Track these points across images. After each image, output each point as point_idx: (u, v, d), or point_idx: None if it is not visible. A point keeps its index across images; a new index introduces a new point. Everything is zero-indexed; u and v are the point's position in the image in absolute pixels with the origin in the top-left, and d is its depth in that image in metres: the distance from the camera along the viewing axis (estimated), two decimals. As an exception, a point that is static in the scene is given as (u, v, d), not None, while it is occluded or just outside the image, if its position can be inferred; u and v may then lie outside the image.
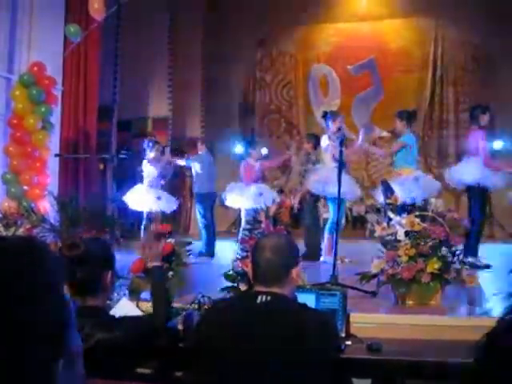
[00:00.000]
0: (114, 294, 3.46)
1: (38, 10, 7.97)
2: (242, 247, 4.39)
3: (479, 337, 1.59)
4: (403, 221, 4.33)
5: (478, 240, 6.55)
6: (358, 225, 14.15)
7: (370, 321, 3.84)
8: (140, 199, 8.24)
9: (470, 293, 4.45)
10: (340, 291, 3.39)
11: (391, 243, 4.34)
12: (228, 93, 14.43)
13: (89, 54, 9.16)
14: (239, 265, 4.29)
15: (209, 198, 8.47)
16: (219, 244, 8.43)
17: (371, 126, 12.18)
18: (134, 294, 4.20)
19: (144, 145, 8.71)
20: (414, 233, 4.29)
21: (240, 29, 13.30)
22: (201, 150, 8.65)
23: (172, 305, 3.15)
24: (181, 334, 2.77)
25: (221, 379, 2.12)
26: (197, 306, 3.68)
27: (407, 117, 6.94)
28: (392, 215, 4.46)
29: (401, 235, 4.31)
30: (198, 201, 8.58)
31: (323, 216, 8.20)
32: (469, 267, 4.54)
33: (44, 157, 7.53)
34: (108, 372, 2.26)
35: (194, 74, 13.52)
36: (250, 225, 4.76)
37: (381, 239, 4.43)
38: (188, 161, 8.85)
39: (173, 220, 4.87)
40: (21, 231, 4.84)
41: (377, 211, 11.02)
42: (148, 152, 8.53)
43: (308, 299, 3.21)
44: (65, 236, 4.70)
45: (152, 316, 2.82)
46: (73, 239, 2.55)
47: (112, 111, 10.97)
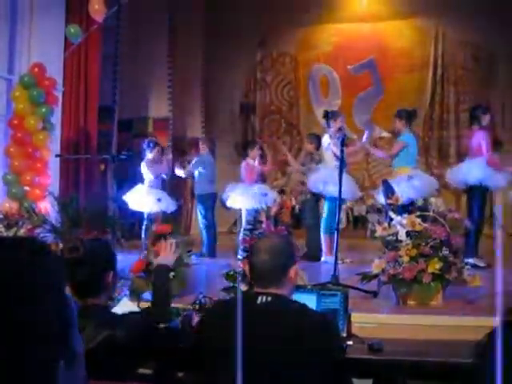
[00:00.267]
0: (115, 294, 3.46)
1: (38, 11, 7.97)
2: (243, 247, 4.39)
3: (480, 337, 1.59)
4: (404, 221, 4.33)
5: (478, 239, 6.55)
6: (359, 225, 14.16)
7: (372, 321, 3.85)
8: (140, 200, 8.24)
9: (471, 293, 4.45)
10: (341, 291, 3.39)
11: (392, 243, 4.34)
12: (228, 93, 14.43)
13: (89, 55, 9.15)
14: (240, 265, 4.29)
15: (209, 199, 8.46)
16: (220, 244, 8.43)
17: (372, 126, 12.19)
18: (135, 295, 4.21)
19: (144, 145, 8.67)
20: (415, 233, 4.29)
21: (240, 29, 13.30)
22: (202, 151, 8.63)
23: (171, 305, 3.15)
24: (181, 335, 2.76)
25: (222, 380, 2.12)
26: (198, 307, 3.68)
27: (407, 116, 6.93)
28: (393, 215, 4.46)
29: (402, 235, 4.31)
30: (199, 201, 8.57)
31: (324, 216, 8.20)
32: (470, 267, 4.54)
33: (45, 157, 7.53)
34: (109, 372, 2.26)
35: (195, 75, 13.52)
36: (251, 225, 4.76)
37: (382, 239, 4.44)
38: (194, 167, 8.69)
39: (173, 220, 4.86)
40: (22, 232, 4.84)
41: (378, 211, 11.05)
42: (147, 153, 8.49)
43: (309, 299, 3.20)
44: (66, 237, 4.71)
45: (151, 314, 2.83)
46: (73, 242, 2.55)
47: (112, 111, 11.02)
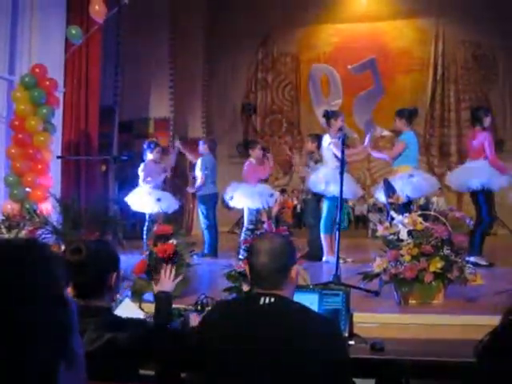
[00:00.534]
0: (117, 295, 3.46)
1: (39, 12, 7.98)
2: (245, 247, 4.39)
3: (482, 336, 1.59)
4: (405, 220, 4.33)
5: (483, 240, 6.53)
6: (361, 224, 14.16)
7: (373, 320, 3.85)
8: (141, 201, 8.24)
9: (473, 291, 4.45)
10: (343, 291, 3.38)
11: (394, 242, 4.34)
12: (229, 93, 14.45)
13: (90, 56, 9.15)
14: (241, 265, 4.29)
15: (211, 199, 8.46)
16: (222, 244, 8.43)
17: (373, 126, 12.20)
18: (137, 295, 4.21)
19: (144, 146, 8.67)
20: (417, 232, 4.29)
21: (241, 30, 13.31)
22: (203, 151, 8.63)
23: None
24: (183, 335, 2.76)
25: (224, 380, 2.11)
26: (199, 307, 3.68)
27: (407, 115, 6.90)
28: (394, 214, 4.46)
29: (403, 234, 4.31)
30: (201, 202, 8.57)
31: (323, 215, 8.19)
32: (471, 266, 4.53)
33: (46, 159, 7.53)
34: (111, 374, 2.26)
35: (195, 75, 13.53)
36: (253, 225, 4.75)
37: (383, 239, 4.43)
38: (202, 182, 8.53)
39: (175, 221, 4.87)
40: (23, 233, 4.84)
41: (379, 210, 11.05)
42: (148, 153, 8.49)
43: (311, 299, 3.20)
44: (68, 238, 4.71)
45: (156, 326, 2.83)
46: (76, 243, 2.54)
47: (113, 112, 11.03)
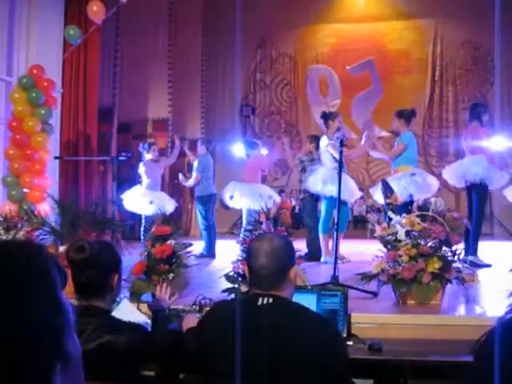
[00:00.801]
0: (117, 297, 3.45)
1: (37, 13, 7.97)
2: (243, 248, 4.39)
3: (480, 336, 1.60)
4: (403, 220, 4.33)
5: (477, 238, 6.54)
6: (359, 225, 14.17)
7: (371, 321, 3.85)
8: (136, 202, 8.24)
9: (471, 291, 4.45)
10: (341, 291, 3.38)
11: (392, 243, 4.34)
12: (228, 94, 14.45)
13: (88, 56, 9.15)
14: (240, 266, 4.29)
15: (209, 200, 8.46)
16: (221, 245, 8.43)
17: (371, 126, 12.21)
18: (135, 296, 4.21)
19: (139, 148, 8.72)
20: (415, 232, 4.29)
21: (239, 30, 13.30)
22: (201, 152, 8.63)
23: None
24: (182, 336, 2.76)
25: (222, 381, 2.11)
26: (198, 308, 3.68)
27: (406, 116, 6.91)
28: (392, 215, 4.46)
29: (401, 235, 4.31)
30: (199, 202, 8.56)
31: (322, 216, 8.19)
32: (469, 266, 4.54)
33: (44, 159, 7.52)
34: (111, 375, 2.26)
35: (194, 76, 13.53)
36: (252, 225, 4.75)
37: (381, 239, 4.43)
38: (196, 179, 8.59)
39: (173, 222, 4.86)
40: (21, 234, 4.83)
41: (377, 211, 11.05)
42: (145, 154, 8.54)
43: (309, 300, 3.21)
44: (66, 239, 4.70)
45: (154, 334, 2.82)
46: (80, 242, 2.53)
47: (112, 113, 11.02)
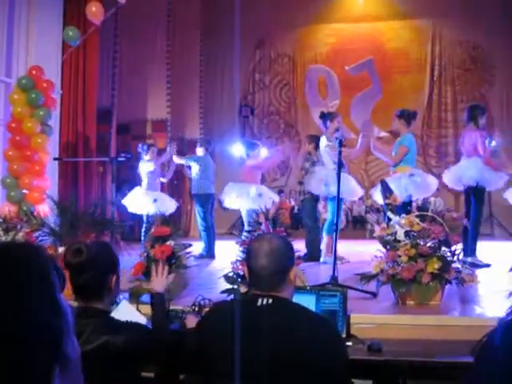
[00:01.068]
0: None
1: (36, 14, 7.98)
2: (242, 249, 4.39)
3: (480, 337, 1.60)
4: (403, 221, 4.33)
5: (476, 239, 6.54)
6: (359, 225, 14.17)
7: (371, 321, 3.84)
8: (138, 202, 8.27)
9: (470, 292, 4.45)
10: (340, 292, 3.38)
11: (391, 243, 4.34)
12: (227, 94, 14.45)
13: (87, 57, 9.15)
14: (239, 267, 4.29)
15: (208, 200, 8.46)
16: (220, 245, 8.43)
17: (370, 126, 12.21)
18: (134, 297, 4.21)
19: (138, 149, 8.78)
20: (414, 233, 4.29)
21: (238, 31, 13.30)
22: (199, 152, 8.64)
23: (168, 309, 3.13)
24: (181, 337, 2.76)
25: (222, 382, 2.11)
26: (197, 309, 3.68)
27: (407, 117, 6.91)
28: (391, 215, 4.46)
29: (400, 235, 4.31)
30: (198, 203, 8.57)
31: (322, 217, 8.19)
32: (468, 266, 4.54)
33: (43, 160, 7.53)
34: (110, 376, 2.26)
35: (193, 76, 13.52)
36: (252, 226, 4.75)
37: (380, 239, 4.43)
38: (188, 159, 8.82)
39: (173, 223, 4.86)
40: (20, 235, 4.83)
41: (377, 211, 11.05)
42: (144, 156, 8.65)
43: (308, 300, 3.21)
44: (65, 240, 4.70)
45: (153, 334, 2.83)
46: (77, 245, 2.54)
47: (111, 114, 11.01)
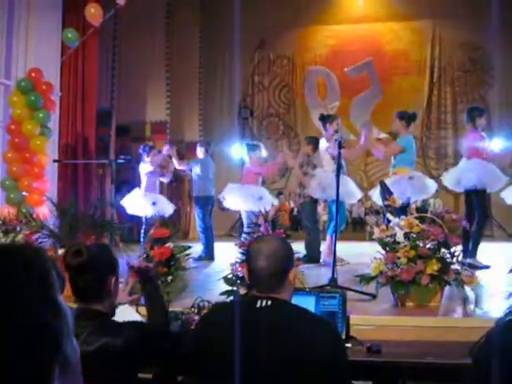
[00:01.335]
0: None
1: (35, 16, 7.98)
2: (242, 250, 4.39)
3: (479, 338, 1.60)
4: (402, 222, 4.33)
5: (479, 242, 6.53)
6: (358, 227, 14.16)
7: (370, 323, 3.84)
8: (136, 204, 8.27)
9: (469, 293, 4.45)
10: (340, 293, 3.38)
11: (390, 245, 4.34)
12: (226, 96, 14.46)
13: (86, 59, 9.16)
14: (238, 269, 4.29)
15: (207, 202, 8.45)
16: (219, 247, 8.43)
17: (370, 127, 12.20)
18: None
19: (140, 150, 8.77)
20: (413, 234, 4.29)
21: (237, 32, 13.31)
22: (200, 154, 8.63)
23: (168, 311, 3.13)
24: (180, 338, 2.76)
25: (219, 383, 2.11)
26: (196, 310, 3.68)
27: (407, 118, 6.92)
28: (390, 217, 4.46)
29: (400, 237, 4.31)
30: (197, 204, 8.57)
31: (322, 218, 8.20)
32: (468, 268, 4.54)
33: (42, 162, 7.53)
34: (108, 377, 2.26)
35: (192, 78, 13.52)
36: (251, 228, 4.76)
37: (380, 241, 4.43)
38: (189, 164, 8.81)
39: (172, 224, 4.87)
40: (20, 237, 4.83)
41: (376, 213, 11.06)
42: (145, 157, 8.63)
43: (308, 302, 3.20)
44: (65, 242, 4.70)
45: (151, 324, 2.83)
46: (77, 246, 2.54)
47: (110, 116, 11.02)
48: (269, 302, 2.19)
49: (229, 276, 4.41)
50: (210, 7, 13.42)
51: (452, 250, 4.29)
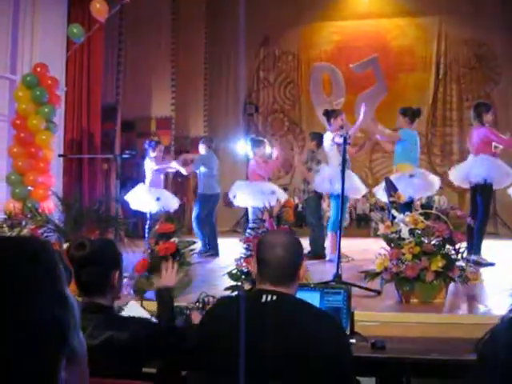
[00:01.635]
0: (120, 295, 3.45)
1: (40, 11, 7.99)
2: (246, 246, 4.40)
3: (483, 334, 1.60)
4: (407, 219, 4.33)
5: (482, 238, 6.52)
6: (363, 223, 14.14)
7: (375, 319, 3.85)
8: (141, 200, 8.26)
9: (474, 290, 4.45)
10: (344, 289, 3.39)
11: (395, 241, 4.34)
12: (231, 92, 14.44)
13: (92, 54, 9.17)
14: (243, 264, 4.30)
15: (209, 199, 8.42)
16: (224, 243, 8.43)
17: (375, 124, 12.16)
18: (139, 294, 4.23)
19: (145, 145, 8.71)
20: (418, 231, 4.29)
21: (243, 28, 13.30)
22: (202, 150, 8.61)
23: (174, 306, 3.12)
24: (185, 333, 2.77)
25: (225, 378, 2.12)
26: (201, 306, 3.69)
27: (411, 114, 6.91)
28: (395, 213, 4.46)
29: (405, 233, 4.31)
30: (199, 201, 8.54)
31: (326, 214, 8.19)
32: (472, 265, 4.54)
33: (48, 157, 7.54)
34: (113, 371, 2.27)
35: (197, 74, 13.52)
36: (255, 223, 4.76)
37: (384, 237, 4.43)
38: (196, 166, 8.68)
39: (177, 220, 4.88)
40: (25, 232, 4.85)
41: (381, 209, 11.04)
42: (150, 152, 8.54)
43: (312, 298, 3.21)
44: (70, 236, 4.72)
45: (159, 321, 2.84)
46: (81, 240, 2.55)
47: (115, 111, 11.03)
48: (274, 297, 2.20)
49: (233, 271, 4.41)
50: (216, 3, 13.40)
51: (457, 247, 4.28)
